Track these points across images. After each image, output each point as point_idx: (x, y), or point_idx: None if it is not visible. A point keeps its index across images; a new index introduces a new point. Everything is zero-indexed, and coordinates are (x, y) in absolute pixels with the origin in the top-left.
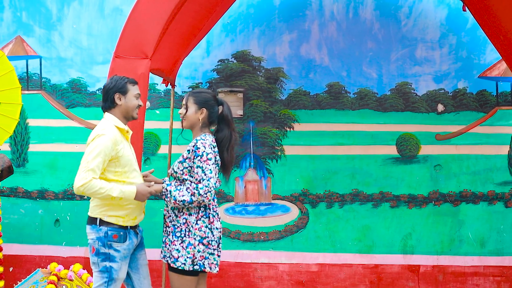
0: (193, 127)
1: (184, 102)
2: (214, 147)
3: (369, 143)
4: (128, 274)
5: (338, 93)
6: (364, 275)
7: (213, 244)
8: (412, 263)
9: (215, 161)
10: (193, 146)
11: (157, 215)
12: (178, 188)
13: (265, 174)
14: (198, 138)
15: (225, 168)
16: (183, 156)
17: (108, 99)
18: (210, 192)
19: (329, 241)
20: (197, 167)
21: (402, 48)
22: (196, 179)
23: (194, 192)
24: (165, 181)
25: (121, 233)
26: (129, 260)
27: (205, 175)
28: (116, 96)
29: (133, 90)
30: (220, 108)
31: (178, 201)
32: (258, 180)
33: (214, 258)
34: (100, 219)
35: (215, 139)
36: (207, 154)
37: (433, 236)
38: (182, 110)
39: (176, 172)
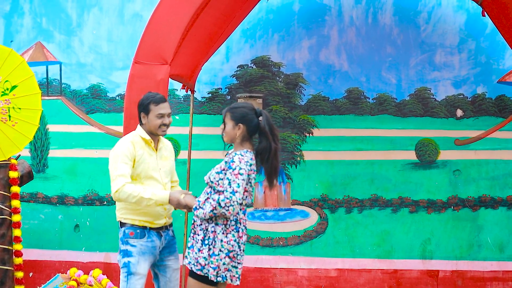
0: (233, 141)
1: (223, 117)
2: (251, 165)
3: (388, 148)
4: (156, 275)
5: (357, 99)
6: (383, 280)
7: (238, 258)
8: (431, 268)
9: (248, 179)
10: (230, 159)
11: (176, 220)
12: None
13: (284, 180)
14: (238, 152)
15: (267, 177)
16: (221, 166)
17: (138, 115)
18: (233, 205)
19: (348, 246)
20: (226, 179)
21: (421, 53)
22: (220, 190)
23: (216, 205)
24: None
25: (138, 230)
26: (153, 259)
27: (230, 187)
28: (142, 114)
29: (156, 110)
30: (260, 118)
31: (207, 214)
32: (277, 185)
33: (236, 271)
34: (120, 221)
35: (256, 151)
36: (240, 169)
37: (452, 241)
38: (222, 126)
39: (212, 182)
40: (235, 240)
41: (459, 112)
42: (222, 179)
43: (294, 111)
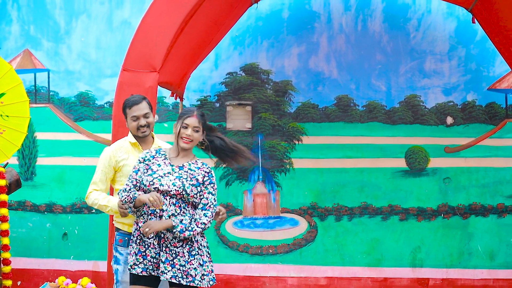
0: (190, 148)
1: (196, 122)
2: None
3: (378, 156)
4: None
5: (346, 106)
6: None
7: None
8: (422, 276)
9: None
10: (208, 173)
11: None
12: (190, 217)
13: (273, 187)
14: (205, 163)
15: (239, 159)
16: (197, 179)
17: None
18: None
19: (338, 254)
20: (208, 193)
21: (411, 60)
22: (206, 204)
23: (208, 223)
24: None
25: (126, 238)
26: None
27: (215, 201)
28: (126, 120)
29: (130, 113)
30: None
31: (201, 228)
32: (266, 193)
33: None
34: (115, 226)
35: (216, 149)
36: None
37: (442, 249)
38: (191, 131)
39: (188, 194)
40: (206, 242)
41: (449, 120)
42: (199, 192)
43: (284, 119)
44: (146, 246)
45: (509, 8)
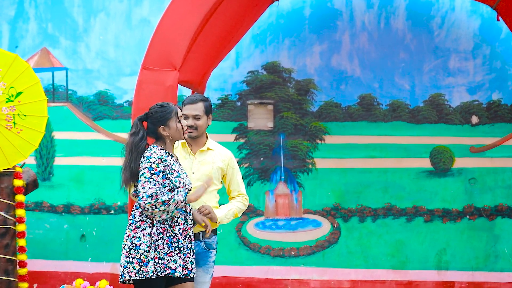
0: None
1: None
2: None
3: (402, 156)
4: None
5: (370, 105)
6: None
7: None
8: (447, 279)
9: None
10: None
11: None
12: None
13: (296, 188)
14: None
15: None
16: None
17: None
18: None
19: (362, 256)
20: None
21: (435, 58)
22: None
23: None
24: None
25: None
26: None
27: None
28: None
29: (183, 110)
30: None
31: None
32: (288, 194)
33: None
34: None
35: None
36: None
37: (468, 251)
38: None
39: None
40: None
41: (474, 119)
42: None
43: (306, 118)
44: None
45: None
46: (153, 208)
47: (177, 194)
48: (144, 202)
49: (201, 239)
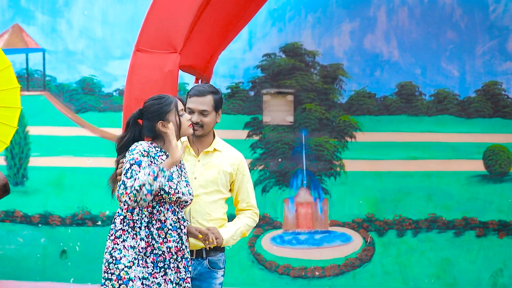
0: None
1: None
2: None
3: (449, 157)
4: None
5: (410, 95)
6: None
7: None
8: None
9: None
10: None
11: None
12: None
13: (320, 195)
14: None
15: None
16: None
17: None
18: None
19: (400, 277)
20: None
21: (490, 39)
22: None
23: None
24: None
25: None
26: None
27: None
28: None
29: (188, 102)
30: None
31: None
32: (312, 202)
33: None
34: None
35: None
36: None
37: None
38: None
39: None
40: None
41: None
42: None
43: (333, 111)
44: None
45: None
46: (130, 197)
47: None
48: (121, 198)
49: (204, 257)
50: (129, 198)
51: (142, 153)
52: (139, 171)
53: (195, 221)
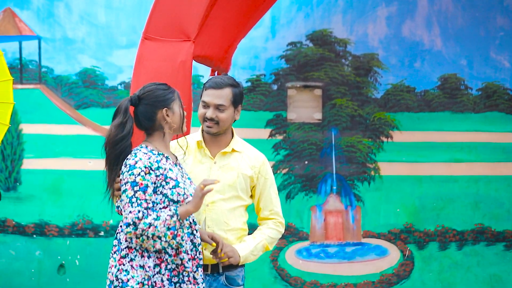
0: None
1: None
2: None
3: (498, 159)
4: None
5: (455, 90)
6: None
7: None
8: None
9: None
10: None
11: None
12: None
13: (352, 202)
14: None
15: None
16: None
17: None
18: None
19: None
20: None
21: None
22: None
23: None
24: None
25: None
26: None
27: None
28: None
29: (203, 95)
30: None
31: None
32: (342, 210)
33: None
34: None
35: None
36: None
37: None
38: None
39: None
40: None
41: None
42: None
43: (367, 107)
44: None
45: None
46: (138, 237)
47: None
48: (125, 232)
49: (220, 272)
50: (136, 238)
51: (144, 171)
52: (153, 208)
53: (211, 231)
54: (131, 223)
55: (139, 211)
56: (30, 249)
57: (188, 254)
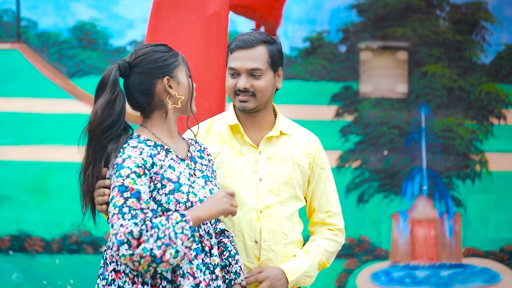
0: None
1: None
2: None
3: None
4: None
5: None
6: None
7: None
8: None
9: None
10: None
11: None
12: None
13: (450, 209)
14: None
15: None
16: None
17: None
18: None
19: None
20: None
21: None
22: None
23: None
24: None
25: None
26: None
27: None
28: None
29: (229, 61)
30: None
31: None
32: (436, 219)
33: None
34: None
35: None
36: None
37: None
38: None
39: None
40: None
41: None
42: None
43: (470, 76)
44: None
45: None
46: (133, 262)
47: (175, 228)
48: (120, 255)
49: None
50: (133, 265)
51: (135, 172)
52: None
53: (267, 247)
54: (125, 241)
55: (135, 224)
56: (4, 270)
57: (201, 279)
